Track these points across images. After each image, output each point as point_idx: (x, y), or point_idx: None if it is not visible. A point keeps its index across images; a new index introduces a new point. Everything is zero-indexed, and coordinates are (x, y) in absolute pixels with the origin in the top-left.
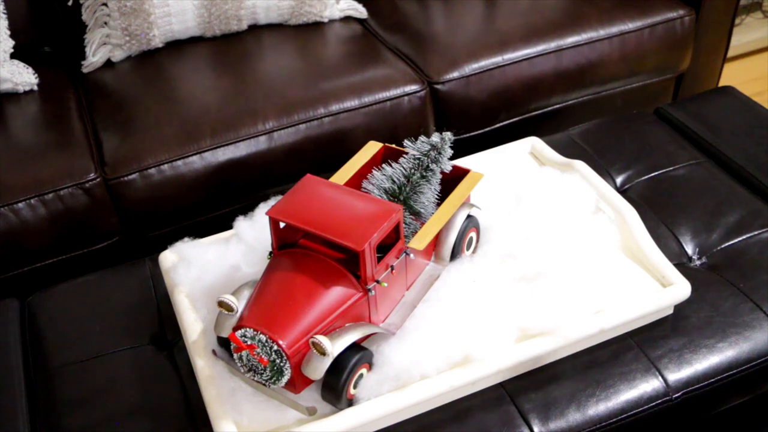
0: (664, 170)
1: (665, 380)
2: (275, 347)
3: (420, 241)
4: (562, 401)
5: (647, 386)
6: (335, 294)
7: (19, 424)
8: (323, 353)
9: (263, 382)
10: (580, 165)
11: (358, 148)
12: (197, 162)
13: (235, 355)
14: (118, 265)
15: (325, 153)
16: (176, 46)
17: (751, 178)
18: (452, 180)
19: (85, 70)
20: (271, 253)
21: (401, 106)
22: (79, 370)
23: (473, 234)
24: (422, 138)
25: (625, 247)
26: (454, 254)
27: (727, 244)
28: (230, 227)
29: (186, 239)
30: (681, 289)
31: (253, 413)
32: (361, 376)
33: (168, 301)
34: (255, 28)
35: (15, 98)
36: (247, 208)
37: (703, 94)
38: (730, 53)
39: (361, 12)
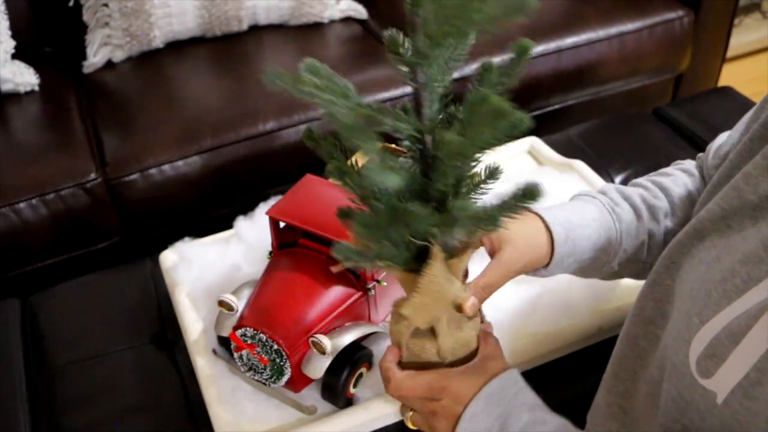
0: None
1: None
2: (275, 346)
3: None
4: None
5: None
6: (335, 293)
7: (20, 424)
8: (323, 352)
9: (263, 381)
10: (580, 165)
11: None
12: (198, 162)
13: (236, 355)
14: (118, 265)
15: None
16: (177, 47)
17: None
18: None
19: (86, 71)
20: (271, 252)
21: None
22: (79, 370)
23: None
24: None
25: None
26: None
27: None
28: (230, 227)
29: (186, 239)
30: None
31: (254, 412)
32: (361, 375)
33: (168, 300)
34: (255, 29)
35: (16, 99)
36: (247, 208)
37: (702, 95)
38: (729, 54)
39: (361, 13)
